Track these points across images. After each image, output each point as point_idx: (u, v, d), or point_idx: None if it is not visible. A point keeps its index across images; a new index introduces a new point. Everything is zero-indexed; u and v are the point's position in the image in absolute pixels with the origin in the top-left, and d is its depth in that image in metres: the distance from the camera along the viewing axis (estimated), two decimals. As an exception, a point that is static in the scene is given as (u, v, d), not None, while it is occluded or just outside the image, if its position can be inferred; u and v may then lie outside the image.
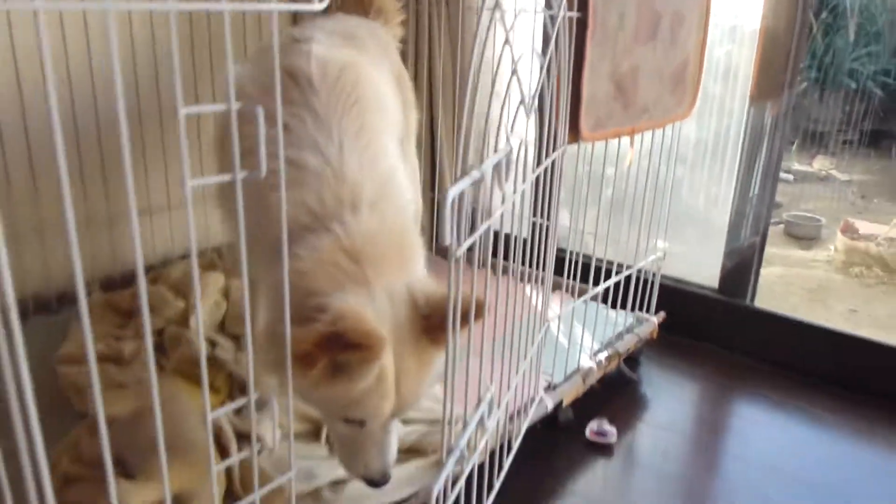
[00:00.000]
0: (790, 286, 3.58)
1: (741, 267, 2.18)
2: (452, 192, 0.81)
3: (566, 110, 1.43)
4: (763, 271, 3.79)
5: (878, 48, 5.14)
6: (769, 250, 4.02)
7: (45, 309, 1.78)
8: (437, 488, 0.98)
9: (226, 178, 0.77)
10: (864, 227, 3.94)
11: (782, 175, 4.95)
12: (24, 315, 0.72)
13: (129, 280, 1.89)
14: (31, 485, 0.65)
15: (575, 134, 1.48)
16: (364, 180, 1.07)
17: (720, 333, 2.18)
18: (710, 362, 2.13)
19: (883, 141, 5.20)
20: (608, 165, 1.80)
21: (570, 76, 1.41)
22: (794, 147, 5.30)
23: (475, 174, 0.87)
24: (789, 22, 1.89)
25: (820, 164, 5.17)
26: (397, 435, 1.14)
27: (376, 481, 1.12)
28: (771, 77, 1.97)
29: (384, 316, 0.98)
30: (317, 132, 1.08)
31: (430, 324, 0.99)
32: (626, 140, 1.70)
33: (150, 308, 1.68)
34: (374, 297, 0.98)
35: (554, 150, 1.40)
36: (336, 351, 0.92)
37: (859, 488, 1.62)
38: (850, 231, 3.92)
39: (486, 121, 1.01)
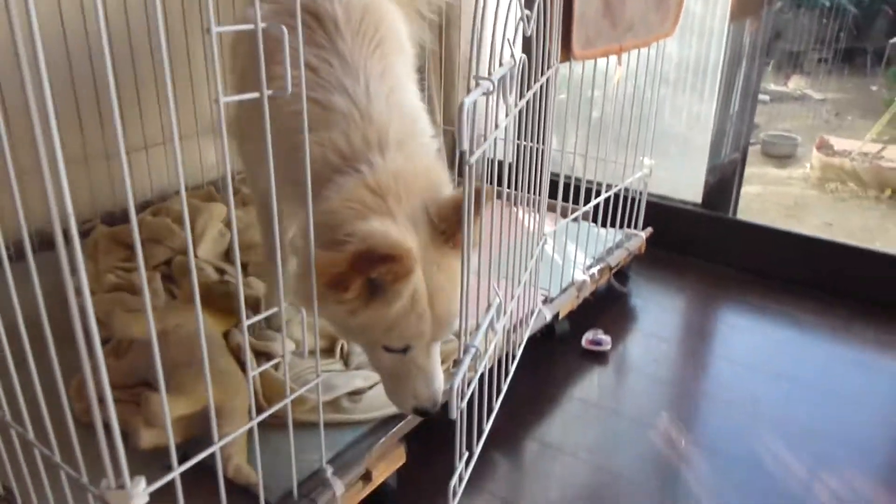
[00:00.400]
0: (767, 204, 3.68)
1: (723, 182, 2.25)
2: (468, 102, 0.85)
3: (559, 28, 1.46)
4: (741, 190, 3.89)
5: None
6: (747, 170, 4.11)
7: (51, 245, 1.80)
8: (456, 384, 1.06)
9: (254, 95, 0.81)
10: (838, 143, 4.03)
11: (759, 95, 5.00)
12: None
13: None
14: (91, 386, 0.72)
15: (567, 52, 1.51)
16: (391, 121, 1.11)
17: (705, 246, 2.27)
18: (695, 273, 2.23)
19: (856, 58, 5.24)
20: (593, 88, 1.85)
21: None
22: (770, 67, 5.33)
23: (486, 84, 0.92)
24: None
25: (795, 83, 5.21)
26: (440, 362, 1.16)
27: (427, 411, 1.14)
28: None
29: (408, 236, 1.03)
30: (344, 75, 1.11)
31: (449, 232, 1.05)
32: (613, 60, 1.73)
33: (156, 240, 1.73)
34: (398, 221, 1.03)
35: (548, 69, 1.44)
36: (368, 268, 0.96)
37: (837, 381, 1.74)
38: (825, 148, 4.01)
39: (474, 42, 1.05)
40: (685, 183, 2.33)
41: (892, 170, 3.71)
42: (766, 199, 3.72)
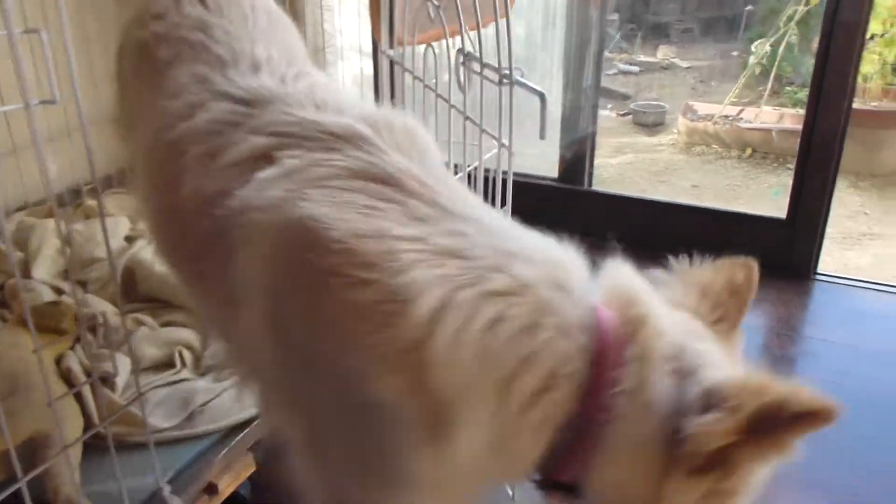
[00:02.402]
0: (639, 171, 3.82)
1: (578, 155, 2.31)
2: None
3: (387, 13, 1.45)
4: (613, 160, 4.02)
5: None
6: (620, 140, 4.26)
7: None
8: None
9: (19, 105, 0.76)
10: (702, 108, 4.22)
11: (628, 67, 5.17)
12: None
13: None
14: None
15: (392, 37, 1.50)
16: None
17: (563, 218, 2.33)
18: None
19: (718, 27, 5.49)
20: (442, 71, 1.84)
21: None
22: (639, 39, 5.51)
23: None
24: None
25: (663, 53, 5.41)
26: None
27: None
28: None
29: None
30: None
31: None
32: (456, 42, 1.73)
33: (-15, 263, 1.61)
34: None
35: (378, 55, 1.43)
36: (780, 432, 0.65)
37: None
38: (689, 113, 4.19)
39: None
40: (544, 159, 2.38)
41: (750, 130, 3.91)
42: (638, 168, 3.86)
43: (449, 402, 0.64)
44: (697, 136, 4.04)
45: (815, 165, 2.01)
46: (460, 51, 1.52)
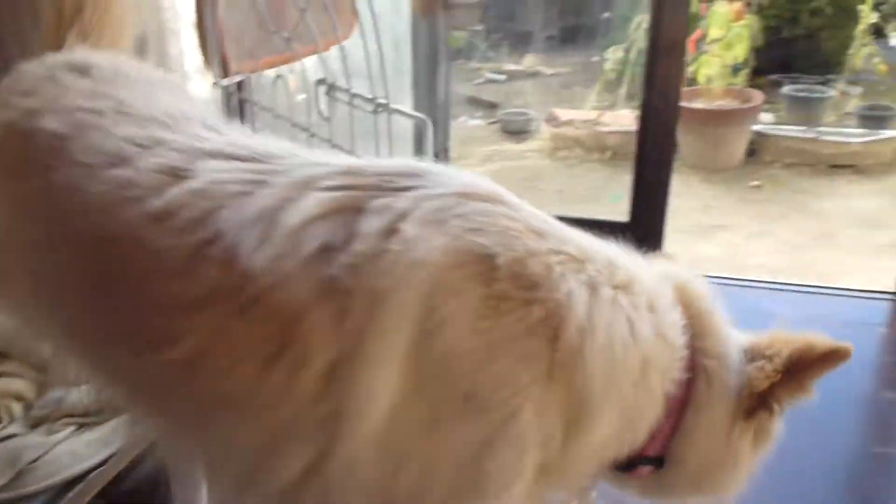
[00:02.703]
0: (507, 179, 3.92)
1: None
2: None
3: (216, 42, 1.43)
4: (482, 169, 4.12)
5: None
6: (489, 148, 4.37)
7: None
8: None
9: None
10: (564, 114, 4.40)
11: (495, 76, 5.31)
12: None
13: None
14: None
15: (226, 67, 1.48)
16: None
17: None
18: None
19: (578, 34, 5.74)
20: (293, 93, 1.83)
21: (206, 6, 1.41)
22: (505, 48, 5.67)
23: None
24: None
25: (529, 61, 5.59)
26: None
27: None
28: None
29: None
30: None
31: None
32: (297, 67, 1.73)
33: None
34: None
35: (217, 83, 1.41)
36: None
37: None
38: (553, 120, 4.35)
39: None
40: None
41: (609, 133, 4.11)
42: (506, 175, 3.97)
43: (593, 396, 0.70)
44: (561, 141, 4.20)
45: (651, 166, 2.13)
46: (321, 81, 1.52)
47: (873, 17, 4.27)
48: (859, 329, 1.93)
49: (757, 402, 0.80)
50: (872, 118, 4.09)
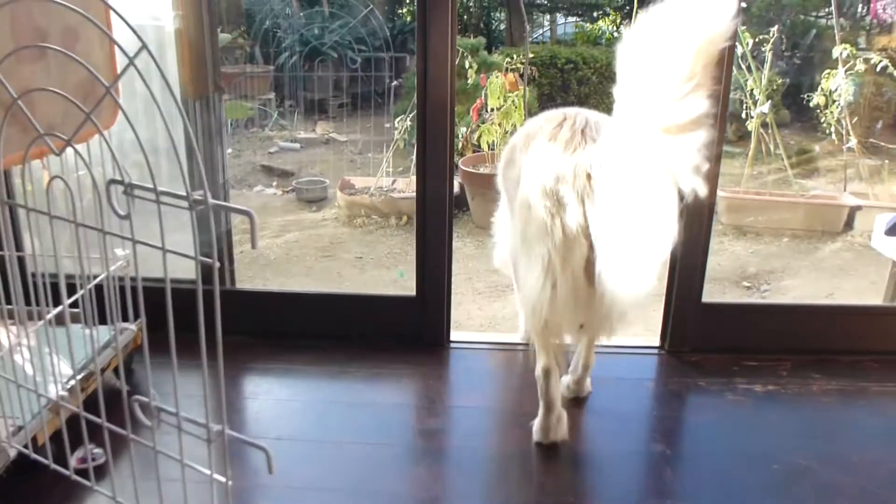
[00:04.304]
0: (305, 248, 3.91)
1: (218, 255, 2.29)
2: None
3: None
4: (279, 240, 4.06)
5: (348, 20, 5.76)
6: (286, 218, 4.33)
7: None
8: None
9: None
10: (358, 181, 4.48)
11: (289, 144, 5.31)
12: None
13: None
14: None
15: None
16: None
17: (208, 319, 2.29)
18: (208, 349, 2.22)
19: (369, 102, 5.92)
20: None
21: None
22: (298, 116, 5.70)
23: None
24: (197, 20, 2.00)
25: (322, 128, 5.66)
26: None
27: None
28: (195, 72, 2.07)
29: None
30: None
31: None
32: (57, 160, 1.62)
33: None
34: None
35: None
36: None
37: (333, 423, 1.88)
38: (347, 188, 4.42)
39: None
40: (180, 261, 2.31)
41: (402, 199, 4.24)
42: (304, 245, 3.95)
43: None
44: (356, 208, 4.27)
45: (432, 232, 2.22)
46: (113, 181, 1.43)
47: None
48: (632, 384, 2.11)
49: None
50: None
